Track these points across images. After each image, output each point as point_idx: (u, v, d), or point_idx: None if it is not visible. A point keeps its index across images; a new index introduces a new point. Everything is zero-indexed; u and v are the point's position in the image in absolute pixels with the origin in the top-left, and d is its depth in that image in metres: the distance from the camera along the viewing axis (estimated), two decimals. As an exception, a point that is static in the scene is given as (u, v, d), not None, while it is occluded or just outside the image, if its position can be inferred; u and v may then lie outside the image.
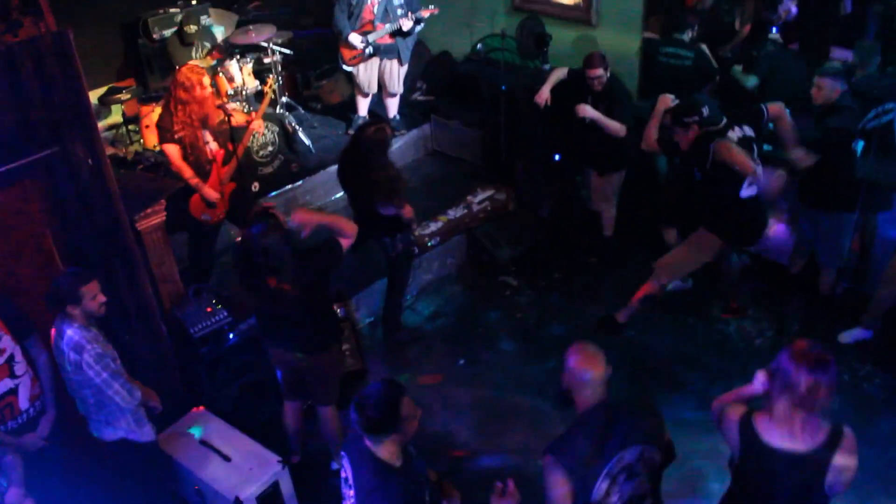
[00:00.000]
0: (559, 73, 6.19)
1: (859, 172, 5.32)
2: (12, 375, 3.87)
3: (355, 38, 6.95)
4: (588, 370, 3.11)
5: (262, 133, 6.37)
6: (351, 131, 7.57)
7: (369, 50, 7.02)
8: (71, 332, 3.75)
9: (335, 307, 5.56)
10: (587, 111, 5.87)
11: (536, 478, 4.63)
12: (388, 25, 6.89)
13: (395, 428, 2.95)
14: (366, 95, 7.49)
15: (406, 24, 6.86)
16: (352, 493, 3.04)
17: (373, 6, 6.90)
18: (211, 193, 5.52)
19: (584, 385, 3.12)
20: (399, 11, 6.89)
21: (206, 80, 5.46)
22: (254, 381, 5.38)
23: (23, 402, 3.93)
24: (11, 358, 3.87)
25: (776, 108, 5.13)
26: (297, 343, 4.31)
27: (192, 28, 7.09)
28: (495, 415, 5.20)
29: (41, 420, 4.01)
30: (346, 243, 4.16)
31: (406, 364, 5.70)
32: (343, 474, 3.14)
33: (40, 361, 4.02)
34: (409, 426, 3.00)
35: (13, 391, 3.89)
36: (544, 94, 6.19)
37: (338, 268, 4.22)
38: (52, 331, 3.84)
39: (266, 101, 6.14)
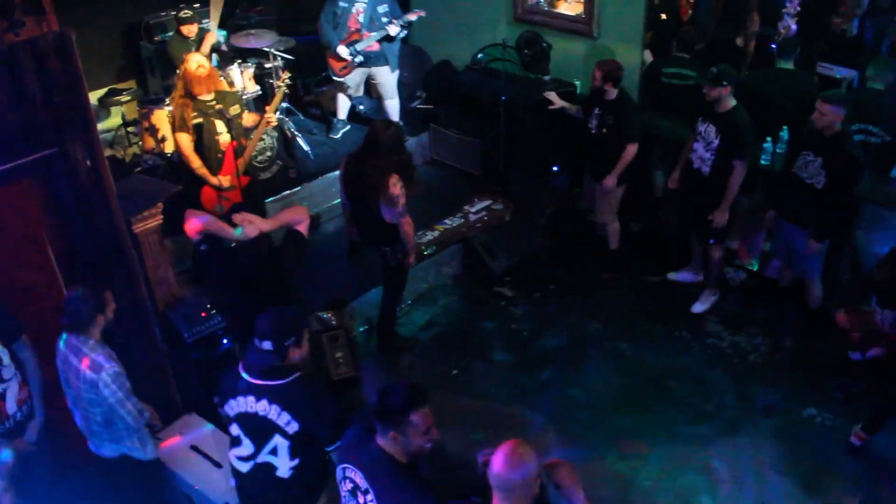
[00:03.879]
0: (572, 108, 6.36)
1: (858, 191, 5.35)
2: (0, 380, 3.85)
3: (343, 51, 7.01)
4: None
5: (273, 124, 6.41)
6: (332, 135, 7.63)
7: (359, 59, 7.07)
8: (87, 350, 3.72)
9: (329, 314, 5.59)
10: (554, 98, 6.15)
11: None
12: (374, 34, 6.94)
13: (398, 427, 2.91)
14: (350, 98, 7.52)
15: (393, 30, 6.93)
16: (370, 496, 2.99)
17: (358, 15, 6.94)
18: (217, 180, 5.66)
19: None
20: (384, 19, 6.95)
21: (194, 57, 5.64)
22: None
23: (10, 406, 3.89)
24: None
25: None
26: None
27: (187, 13, 7.12)
28: (486, 425, 5.18)
29: (29, 425, 3.99)
30: (303, 228, 4.27)
31: (400, 372, 5.70)
32: (347, 485, 3.10)
33: (29, 365, 3.98)
34: (414, 436, 2.93)
35: (1, 396, 3.86)
36: (555, 101, 6.39)
37: (305, 254, 4.30)
38: (61, 345, 3.80)
39: (279, 94, 6.20)
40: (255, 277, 4.08)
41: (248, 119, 5.95)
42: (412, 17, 7.09)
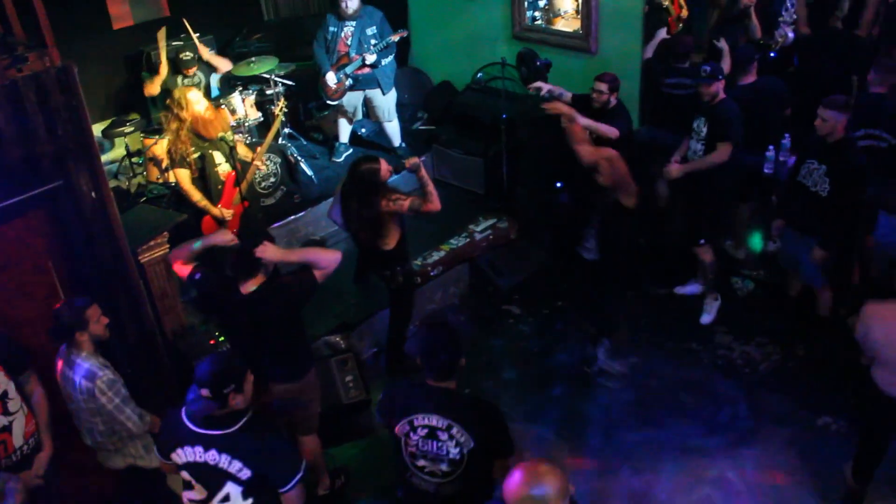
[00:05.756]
0: (565, 96, 6.21)
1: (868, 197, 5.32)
2: (6, 412, 3.84)
3: (330, 79, 7.08)
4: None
5: (263, 168, 6.48)
6: (335, 159, 7.67)
7: (349, 82, 7.13)
8: (81, 361, 3.78)
9: (337, 338, 5.58)
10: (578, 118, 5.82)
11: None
12: (356, 62, 7.02)
13: (462, 354, 3.39)
14: (350, 121, 7.59)
15: (369, 59, 6.99)
16: (455, 429, 3.32)
17: (346, 39, 7.02)
18: (220, 212, 5.69)
19: None
20: (373, 41, 7.01)
21: (194, 93, 5.64)
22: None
23: (17, 439, 3.89)
24: (5, 394, 3.83)
25: None
26: (276, 373, 4.28)
27: (188, 55, 7.11)
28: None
29: (36, 458, 3.97)
30: (319, 274, 4.10)
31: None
32: (421, 433, 3.37)
33: (35, 397, 3.99)
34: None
35: (7, 428, 3.85)
36: (546, 86, 6.27)
37: (310, 297, 4.16)
38: (59, 362, 3.84)
39: (275, 127, 6.24)
40: (258, 314, 4.05)
41: (242, 151, 5.97)
42: (394, 38, 7.15)
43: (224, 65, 7.13)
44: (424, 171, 5.06)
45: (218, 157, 5.68)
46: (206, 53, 7.07)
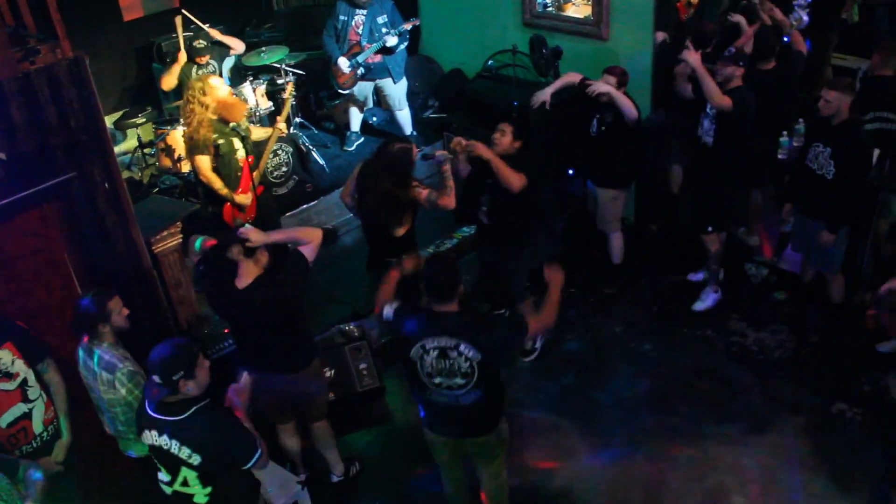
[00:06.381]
0: (570, 78, 6.12)
1: (875, 180, 5.29)
2: (26, 400, 3.89)
3: (343, 63, 7.07)
4: None
5: (284, 133, 6.46)
6: (346, 147, 7.67)
7: (360, 71, 7.14)
8: (102, 352, 3.80)
9: (351, 326, 5.59)
10: (601, 86, 5.74)
11: (555, 495, 4.63)
12: (373, 46, 7.01)
13: (460, 281, 3.68)
14: (361, 110, 7.58)
15: (391, 41, 6.99)
16: (462, 346, 3.60)
17: (357, 27, 7.02)
18: (242, 199, 5.71)
19: None
20: (384, 30, 7.01)
21: (216, 79, 5.61)
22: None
23: (37, 426, 3.95)
24: (24, 382, 3.89)
25: None
26: (280, 364, 4.28)
27: (202, 44, 7.10)
28: (512, 431, 5.16)
29: (55, 444, 4.02)
30: (308, 251, 4.09)
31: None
32: (432, 354, 3.65)
33: (54, 386, 4.03)
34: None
35: (27, 415, 3.91)
36: (545, 95, 6.16)
37: (306, 278, 4.13)
38: (79, 352, 3.87)
39: (287, 104, 6.24)
40: (254, 307, 4.05)
41: (257, 133, 5.97)
42: (407, 26, 7.15)
43: (237, 44, 7.13)
44: (449, 166, 5.05)
45: (237, 142, 5.67)
46: (218, 34, 7.08)
